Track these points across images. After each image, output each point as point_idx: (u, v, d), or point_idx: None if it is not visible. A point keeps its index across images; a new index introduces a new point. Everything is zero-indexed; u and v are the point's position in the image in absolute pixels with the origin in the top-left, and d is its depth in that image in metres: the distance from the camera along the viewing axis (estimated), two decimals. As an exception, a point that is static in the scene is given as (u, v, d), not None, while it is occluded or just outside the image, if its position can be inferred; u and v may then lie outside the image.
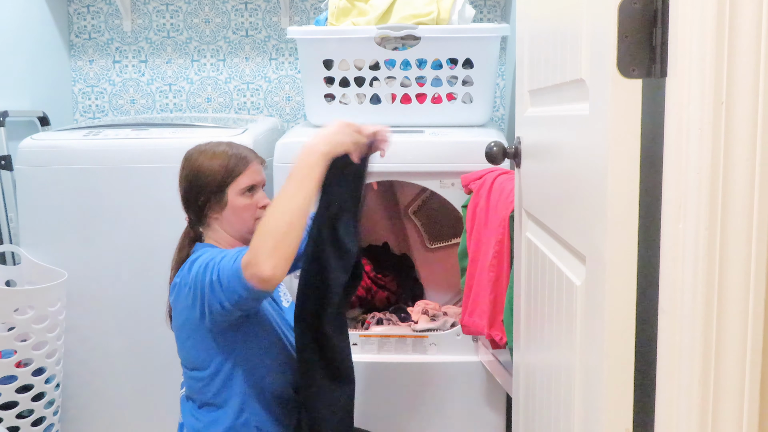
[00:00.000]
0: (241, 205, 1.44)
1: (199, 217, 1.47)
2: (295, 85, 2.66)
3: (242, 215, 1.44)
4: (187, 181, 1.45)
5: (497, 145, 1.43)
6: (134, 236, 1.97)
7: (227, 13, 2.64)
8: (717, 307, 0.74)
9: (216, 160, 1.44)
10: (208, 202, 1.43)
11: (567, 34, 1.04)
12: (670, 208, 0.77)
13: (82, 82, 2.70)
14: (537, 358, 1.32)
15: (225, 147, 1.47)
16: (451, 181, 1.92)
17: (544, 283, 1.21)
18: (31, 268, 1.98)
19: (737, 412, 0.76)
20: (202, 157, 1.45)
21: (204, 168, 1.43)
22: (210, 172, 1.43)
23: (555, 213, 1.14)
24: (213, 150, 1.46)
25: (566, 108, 1.05)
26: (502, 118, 2.63)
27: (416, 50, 2.05)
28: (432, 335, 2.00)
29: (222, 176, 1.43)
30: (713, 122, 0.72)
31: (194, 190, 1.44)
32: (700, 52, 0.72)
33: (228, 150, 1.46)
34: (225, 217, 1.44)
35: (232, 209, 1.43)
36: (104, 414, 2.06)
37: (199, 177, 1.43)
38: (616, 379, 0.87)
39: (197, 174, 1.44)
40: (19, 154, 1.98)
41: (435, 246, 2.38)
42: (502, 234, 1.66)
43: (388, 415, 1.99)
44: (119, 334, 2.01)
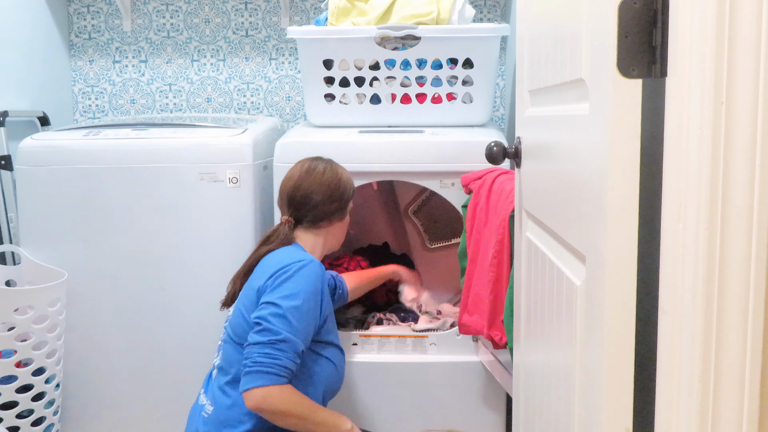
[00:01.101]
0: (347, 222, 1.69)
1: (319, 221, 1.61)
2: (295, 85, 2.66)
3: (343, 231, 1.69)
4: (327, 186, 1.60)
5: (497, 145, 1.43)
6: (134, 236, 1.97)
7: (227, 13, 2.64)
8: (717, 307, 0.74)
9: (347, 177, 1.67)
10: (337, 212, 1.62)
11: (567, 34, 1.04)
12: (670, 208, 0.77)
13: (82, 82, 2.70)
14: (537, 358, 1.32)
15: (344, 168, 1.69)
16: (451, 181, 1.92)
17: (544, 283, 1.21)
18: (31, 268, 1.98)
19: (737, 412, 0.76)
20: (339, 170, 1.66)
21: (344, 179, 1.65)
22: (348, 185, 1.67)
23: (555, 213, 1.14)
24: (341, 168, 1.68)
25: (566, 108, 1.05)
26: (502, 118, 2.63)
27: (416, 50, 2.05)
28: (432, 335, 2.00)
29: (351, 192, 1.67)
30: (713, 122, 0.72)
31: (334, 195, 1.61)
32: (700, 52, 0.72)
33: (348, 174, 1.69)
34: (335, 227, 1.65)
35: (344, 223, 1.68)
36: (104, 414, 2.06)
37: (338, 187, 1.62)
38: (616, 379, 0.87)
39: (339, 182, 1.63)
40: (19, 154, 1.98)
41: (435, 246, 2.38)
42: (502, 234, 1.66)
43: (388, 415, 1.99)
44: (119, 334, 2.01)
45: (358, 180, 1.95)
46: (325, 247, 1.65)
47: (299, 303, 1.43)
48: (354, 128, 2.08)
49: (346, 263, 2.25)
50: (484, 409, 1.98)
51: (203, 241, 1.97)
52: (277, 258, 1.52)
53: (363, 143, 1.96)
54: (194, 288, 1.98)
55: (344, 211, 1.66)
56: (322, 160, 1.67)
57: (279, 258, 1.51)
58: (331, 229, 1.64)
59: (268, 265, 1.51)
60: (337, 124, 2.13)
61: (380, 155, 1.94)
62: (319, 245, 1.63)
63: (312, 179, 1.61)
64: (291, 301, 1.42)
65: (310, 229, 1.61)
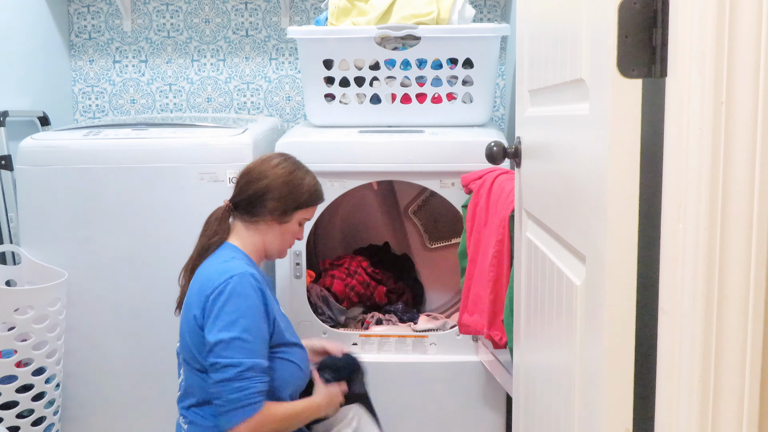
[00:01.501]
0: (293, 230, 1.55)
1: (252, 215, 1.51)
2: (295, 85, 2.66)
3: (286, 239, 1.55)
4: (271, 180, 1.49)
5: (497, 145, 1.43)
6: (134, 236, 1.97)
7: (227, 13, 2.64)
8: (717, 307, 0.74)
9: (306, 183, 1.54)
10: (275, 211, 1.50)
11: (567, 34, 1.04)
12: (670, 208, 0.77)
13: (82, 82, 2.70)
14: (537, 358, 1.32)
15: (312, 176, 1.57)
16: (451, 181, 1.92)
17: (544, 283, 1.21)
18: (31, 268, 1.98)
19: (737, 412, 0.76)
20: (297, 171, 1.53)
21: (296, 182, 1.51)
22: (298, 190, 1.51)
23: (555, 213, 1.14)
24: (306, 171, 1.56)
25: (566, 108, 1.05)
26: (502, 118, 2.63)
27: (416, 50, 2.05)
28: (432, 335, 2.00)
29: (303, 200, 1.52)
30: (713, 122, 0.72)
31: (273, 193, 1.49)
32: (700, 52, 0.72)
33: (314, 181, 1.56)
34: (274, 230, 1.52)
35: (285, 229, 1.53)
36: (104, 414, 2.06)
37: (286, 185, 1.50)
38: (616, 379, 0.87)
39: (286, 182, 1.50)
40: (19, 154, 1.98)
41: (435, 246, 2.38)
42: (502, 234, 1.66)
43: (388, 415, 1.99)
44: (119, 334, 2.01)
45: (358, 180, 1.95)
46: (263, 249, 1.53)
47: (246, 323, 1.38)
48: (354, 128, 2.08)
49: (347, 263, 2.25)
50: (484, 409, 1.98)
51: (203, 241, 1.96)
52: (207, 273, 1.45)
53: (363, 143, 1.96)
54: (194, 288, 1.98)
55: (287, 215, 1.51)
56: (284, 156, 1.56)
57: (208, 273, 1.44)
58: (268, 230, 1.51)
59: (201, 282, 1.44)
60: (337, 124, 2.13)
61: (380, 155, 1.94)
62: (253, 244, 1.52)
63: (262, 166, 1.52)
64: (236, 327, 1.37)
65: (244, 220, 1.51)
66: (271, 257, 1.57)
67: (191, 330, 1.44)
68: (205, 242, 1.52)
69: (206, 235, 1.52)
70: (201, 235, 1.54)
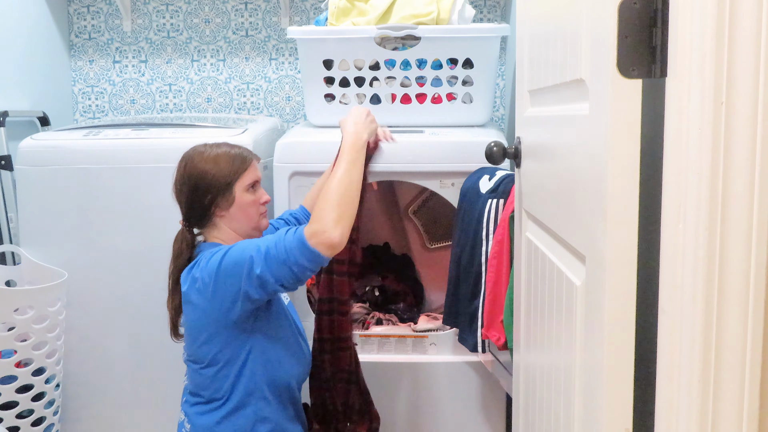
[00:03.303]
0: (248, 201, 1.48)
1: (203, 217, 1.48)
2: (295, 85, 2.66)
3: (248, 211, 1.48)
4: (192, 181, 1.46)
5: (497, 145, 1.43)
6: (134, 236, 1.97)
7: (227, 13, 2.64)
8: (717, 307, 0.74)
9: (220, 159, 1.47)
10: (215, 201, 1.46)
11: (567, 34, 1.04)
12: (670, 208, 0.77)
13: (82, 82, 2.70)
14: (537, 358, 1.32)
15: (225, 147, 1.50)
16: (451, 181, 1.92)
17: (544, 283, 1.21)
18: (31, 268, 1.98)
19: (737, 412, 0.76)
20: (205, 156, 1.48)
21: (209, 167, 1.46)
22: (216, 171, 1.45)
23: (555, 213, 1.14)
24: (215, 150, 1.49)
25: (566, 108, 1.06)
26: (502, 118, 2.63)
27: (416, 50, 2.05)
28: (432, 335, 2.00)
29: (228, 174, 1.46)
30: (713, 122, 0.72)
31: (200, 189, 1.45)
32: (699, 52, 0.72)
33: (229, 150, 1.49)
34: (232, 214, 1.47)
35: (239, 206, 1.47)
36: (104, 414, 2.06)
37: (205, 176, 1.45)
38: (616, 379, 0.87)
39: (203, 173, 1.45)
40: (19, 154, 1.98)
41: (435, 246, 2.38)
42: (502, 234, 1.66)
43: (388, 415, 1.99)
44: (119, 334, 2.01)
45: (358, 180, 1.94)
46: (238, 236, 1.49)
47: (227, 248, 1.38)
48: (354, 128, 2.08)
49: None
50: (484, 409, 1.98)
51: (203, 241, 1.96)
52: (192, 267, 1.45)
53: (363, 143, 1.96)
54: (194, 288, 1.98)
55: (227, 196, 1.45)
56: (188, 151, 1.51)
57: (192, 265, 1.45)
58: (226, 219, 1.47)
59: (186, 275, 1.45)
60: (337, 124, 2.13)
61: (380, 155, 1.94)
62: (229, 237, 1.49)
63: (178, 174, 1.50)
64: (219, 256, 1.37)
65: (204, 226, 1.50)
66: (253, 236, 1.51)
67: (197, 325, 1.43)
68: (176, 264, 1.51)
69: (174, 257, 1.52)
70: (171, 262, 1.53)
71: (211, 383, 1.45)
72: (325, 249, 1.31)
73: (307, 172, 1.92)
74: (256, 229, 1.51)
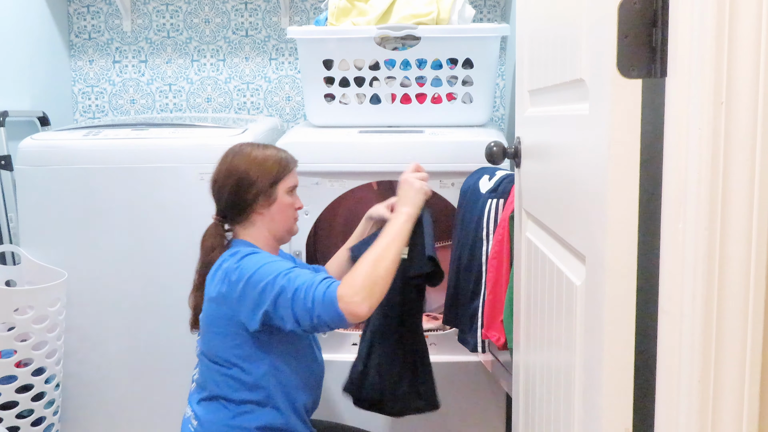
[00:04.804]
0: (287, 203, 1.52)
1: (242, 213, 1.50)
2: (295, 85, 2.66)
3: (287, 212, 1.52)
4: (237, 175, 1.48)
5: (497, 145, 1.43)
6: (134, 236, 1.97)
7: (227, 13, 2.64)
8: (717, 307, 0.74)
9: (269, 159, 1.51)
10: (257, 198, 1.49)
11: (567, 34, 1.04)
12: (670, 208, 0.77)
13: (82, 82, 2.70)
14: (537, 358, 1.32)
15: (273, 149, 1.56)
16: (451, 181, 1.92)
17: (544, 283, 1.21)
18: (31, 268, 1.98)
19: (737, 412, 0.76)
20: (254, 154, 1.51)
21: (258, 164, 1.49)
22: (264, 169, 1.49)
23: (555, 213, 1.14)
24: (263, 150, 1.54)
25: (566, 108, 1.05)
26: (502, 118, 2.63)
27: (416, 50, 2.05)
28: (432, 335, 2.00)
29: (275, 173, 1.50)
30: (713, 122, 0.72)
31: (246, 184, 1.48)
32: (699, 52, 0.72)
33: (277, 152, 1.54)
34: (272, 213, 1.50)
35: (279, 206, 1.51)
36: (104, 414, 2.06)
37: (252, 171, 1.48)
38: (616, 379, 0.87)
39: (250, 168, 1.49)
40: (19, 154, 1.98)
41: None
42: (502, 234, 1.66)
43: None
44: (119, 334, 2.01)
45: (358, 180, 1.95)
46: (272, 237, 1.53)
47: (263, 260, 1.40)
48: (354, 128, 2.08)
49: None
50: (484, 409, 1.98)
51: (203, 241, 1.96)
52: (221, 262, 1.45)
53: (363, 143, 1.96)
54: (194, 288, 1.98)
55: (271, 195, 1.49)
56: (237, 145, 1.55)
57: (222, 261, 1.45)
58: (264, 218, 1.50)
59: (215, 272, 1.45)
60: (337, 124, 2.13)
61: (380, 155, 1.94)
62: (263, 237, 1.51)
63: (223, 167, 1.51)
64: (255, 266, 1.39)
65: (239, 222, 1.51)
66: (283, 239, 1.56)
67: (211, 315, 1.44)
68: (206, 259, 1.51)
69: (205, 251, 1.52)
70: (200, 255, 1.53)
71: (223, 381, 1.45)
72: (350, 316, 1.32)
73: (307, 172, 1.92)
74: (289, 233, 1.55)
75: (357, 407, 1.71)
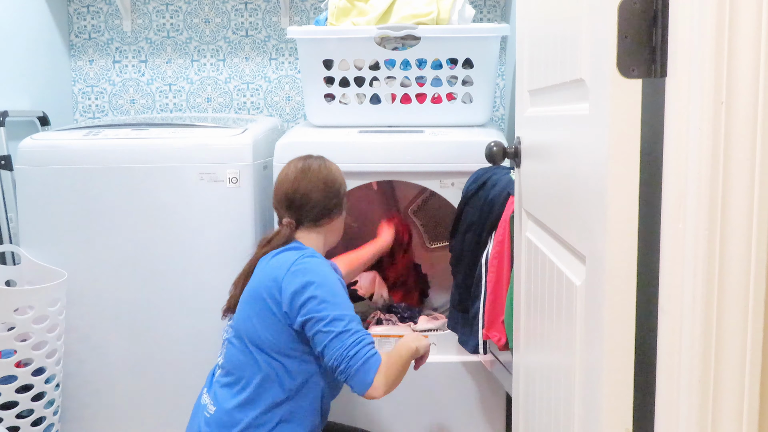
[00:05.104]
0: (344, 216, 1.67)
1: (320, 219, 1.59)
2: (295, 85, 2.66)
3: (341, 227, 1.68)
4: (328, 182, 1.60)
5: (497, 145, 1.43)
6: (134, 236, 1.97)
7: (227, 13, 2.64)
8: (717, 307, 0.74)
9: (339, 171, 1.65)
10: (337, 207, 1.61)
11: (567, 34, 1.04)
12: (670, 208, 0.77)
13: (82, 82, 2.70)
14: (537, 358, 1.32)
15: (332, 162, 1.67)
16: (451, 181, 1.92)
17: (544, 283, 1.21)
18: (31, 268, 1.98)
19: (737, 412, 0.76)
20: (332, 166, 1.64)
21: (337, 176, 1.64)
22: (341, 181, 1.65)
23: (555, 213, 1.14)
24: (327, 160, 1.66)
25: (566, 108, 1.05)
26: (502, 118, 2.63)
27: (416, 50, 2.05)
28: (432, 335, 2.00)
29: (344, 187, 1.66)
30: (713, 122, 0.72)
31: (333, 191, 1.61)
32: (699, 52, 0.72)
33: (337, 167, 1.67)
34: (335, 224, 1.64)
35: (341, 218, 1.66)
36: (104, 414, 2.06)
37: (335, 182, 1.61)
38: (616, 379, 0.87)
39: (334, 179, 1.61)
40: (19, 154, 1.98)
41: (435, 246, 2.38)
42: (503, 234, 1.66)
43: (388, 415, 1.99)
44: (119, 334, 2.01)
45: (358, 180, 1.95)
46: (326, 244, 1.64)
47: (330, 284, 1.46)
48: (354, 128, 2.08)
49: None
50: (484, 409, 1.98)
51: (203, 241, 1.97)
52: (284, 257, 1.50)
53: (363, 143, 1.96)
54: (194, 287, 1.98)
55: (342, 206, 1.64)
56: (314, 158, 1.65)
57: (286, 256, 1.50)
58: (331, 226, 1.63)
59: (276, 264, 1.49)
60: (337, 124, 2.13)
61: (380, 155, 1.94)
62: (321, 243, 1.62)
63: (309, 178, 1.59)
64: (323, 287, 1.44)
65: (312, 228, 1.60)
66: (330, 247, 1.67)
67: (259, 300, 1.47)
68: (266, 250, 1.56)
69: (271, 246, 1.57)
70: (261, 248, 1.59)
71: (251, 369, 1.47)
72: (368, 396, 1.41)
73: (307, 172, 1.92)
74: (334, 243, 1.68)
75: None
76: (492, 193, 1.72)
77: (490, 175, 1.77)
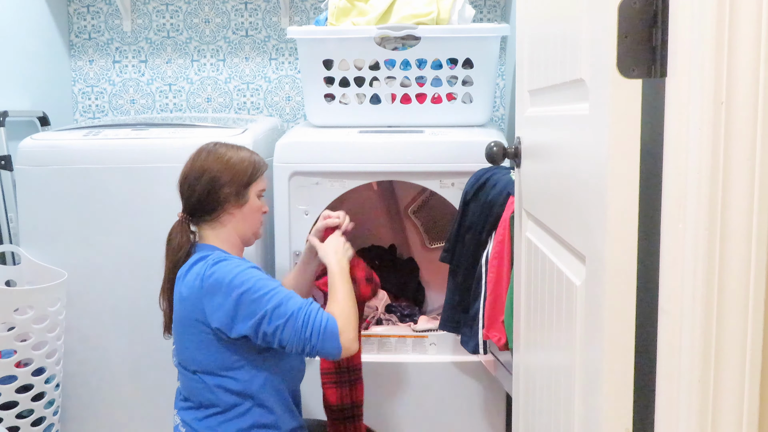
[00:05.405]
0: (257, 205, 1.54)
1: (212, 211, 1.49)
2: (295, 85, 2.66)
3: (255, 216, 1.54)
4: (212, 173, 1.48)
5: (497, 146, 1.43)
6: (134, 236, 1.97)
7: (227, 13, 2.64)
8: (717, 307, 0.74)
9: (244, 160, 1.52)
10: (229, 197, 1.49)
11: (567, 34, 1.04)
12: (670, 208, 0.77)
13: (82, 82, 2.70)
14: (537, 358, 1.32)
15: (247, 151, 1.56)
16: (451, 181, 1.92)
17: (544, 283, 1.21)
18: (31, 268, 1.98)
19: (737, 412, 0.76)
20: (229, 153, 1.51)
21: (233, 163, 1.49)
22: (239, 169, 1.50)
23: (555, 213, 1.14)
24: (238, 150, 1.53)
25: (566, 108, 1.06)
26: (502, 118, 2.63)
27: (416, 50, 2.05)
28: (432, 335, 2.00)
29: (249, 174, 1.51)
30: (713, 122, 0.72)
31: (220, 182, 1.48)
32: (699, 52, 0.72)
33: (251, 154, 1.55)
34: (242, 214, 1.51)
35: (249, 208, 1.52)
36: (104, 414, 2.06)
37: (227, 171, 1.48)
38: (616, 379, 0.87)
39: (226, 168, 1.48)
40: (19, 154, 1.98)
41: (435, 246, 2.38)
42: (503, 234, 1.66)
43: (388, 415, 2.00)
44: (119, 334, 2.01)
45: (358, 180, 1.95)
46: (237, 238, 1.53)
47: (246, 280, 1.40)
48: (354, 128, 2.08)
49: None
50: (484, 409, 1.98)
51: (203, 241, 1.96)
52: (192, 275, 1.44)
53: (363, 143, 1.96)
54: (194, 288, 1.98)
55: (242, 196, 1.50)
56: (210, 144, 1.55)
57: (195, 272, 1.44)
58: (233, 218, 1.50)
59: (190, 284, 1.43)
60: (337, 124, 2.13)
61: (380, 155, 1.94)
62: (233, 237, 1.52)
63: (196, 164, 1.50)
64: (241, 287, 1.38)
65: (214, 223, 1.51)
66: (249, 242, 1.57)
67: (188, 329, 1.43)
68: (174, 258, 1.51)
69: (172, 250, 1.51)
70: (167, 255, 1.52)
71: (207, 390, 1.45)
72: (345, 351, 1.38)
73: (307, 172, 1.92)
74: (255, 235, 1.57)
75: None
76: (492, 194, 1.72)
77: (490, 176, 1.77)
